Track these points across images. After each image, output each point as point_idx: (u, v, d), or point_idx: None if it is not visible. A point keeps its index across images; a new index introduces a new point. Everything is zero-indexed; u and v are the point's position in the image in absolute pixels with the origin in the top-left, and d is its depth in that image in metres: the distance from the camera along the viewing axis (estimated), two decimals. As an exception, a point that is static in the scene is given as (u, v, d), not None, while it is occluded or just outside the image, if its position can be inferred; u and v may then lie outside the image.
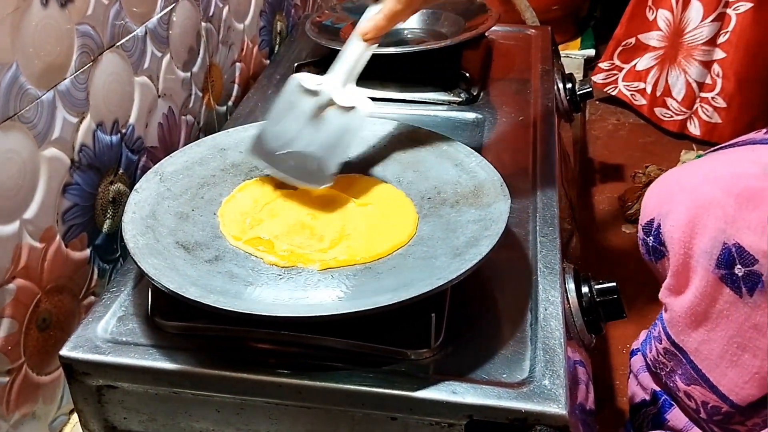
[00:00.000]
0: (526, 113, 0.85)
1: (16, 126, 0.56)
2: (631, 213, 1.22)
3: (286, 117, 0.63)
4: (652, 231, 0.68)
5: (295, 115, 0.62)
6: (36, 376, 0.61)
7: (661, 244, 0.67)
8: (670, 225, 0.65)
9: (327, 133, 0.61)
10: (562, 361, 0.52)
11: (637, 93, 1.54)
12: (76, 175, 0.64)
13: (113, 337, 0.55)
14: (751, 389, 0.63)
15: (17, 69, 0.55)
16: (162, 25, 0.76)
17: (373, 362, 0.51)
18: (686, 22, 1.40)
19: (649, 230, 0.68)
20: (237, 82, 0.98)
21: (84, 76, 0.64)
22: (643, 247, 0.70)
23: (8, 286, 0.57)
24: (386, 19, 0.61)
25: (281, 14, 1.11)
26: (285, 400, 0.52)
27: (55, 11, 0.59)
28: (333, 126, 0.61)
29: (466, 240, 0.55)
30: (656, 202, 0.68)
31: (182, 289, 0.50)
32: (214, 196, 0.63)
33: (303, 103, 0.63)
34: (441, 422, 0.50)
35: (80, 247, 0.66)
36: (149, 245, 0.55)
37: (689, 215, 0.63)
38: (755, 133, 0.72)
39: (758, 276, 0.59)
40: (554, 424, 0.48)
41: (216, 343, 0.54)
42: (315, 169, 0.61)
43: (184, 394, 0.53)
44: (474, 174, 0.62)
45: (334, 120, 0.61)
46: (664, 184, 0.69)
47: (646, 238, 0.69)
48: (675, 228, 0.64)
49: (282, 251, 0.57)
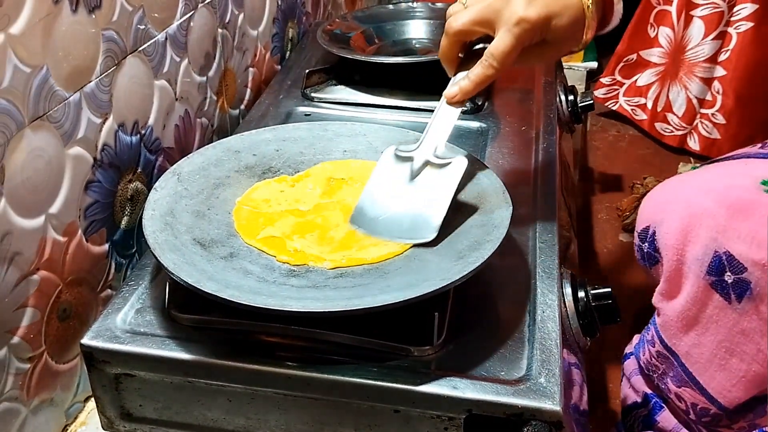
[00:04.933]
0: (529, 123, 0.87)
1: (45, 125, 0.59)
2: (628, 223, 1.24)
3: (384, 184, 0.63)
4: (647, 238, 0.70)
5: (392, 181, 0.63)
6: (55, 364, 0.64)
7: (655, 251, 0.69)
8: (665, 232, 0.67)
9: (426, 190, 0.62)
10: (557, 360, 0.54)
11: (638, 108, 1.56)
12: (98, 173, 0.67)
13: (132, 328, 0.57)
14: (738, 392, 0.66)
15: (47, 71, 0.58)
16: (181, 31, 0.79)
17: (378, 357, 0.54)
18: (688, 40, 1.43)
19: (645, 237, 0.70)
20: (249, 87, 1.01)
21: (108, 79, 0.67)
22: (638, 253, 0.72)
23: (32, 277, 0.60)
24: (473, 84, 0.60)
25: (293, 21, 1.14)
26: (293, 391, 0.54)
27: (83, 17, 0.62)
28: (430, 182, 0.62)
29: (469, 244, 0.57)
30: (652, 210, 0.70)
31: (200, 283, 0.52)
32: (229, 196, 0.66)
33: (399, 170, 0.64)
34: (441, 416, 0.52)
35: (99, 242, 0.69)
36: (168, 241, 0.57)
37: (683, 224, 0.65)
38: (749, 147, 0.74)
39: (747, 283, 0.62)
40: (549, 419, 0.50)
41: (229, 335, 0.56)
42: (419, 226, 0.60)
43: (198, 383, 0.55)
44: (477, 181, 0.65)
45: (431, 177, 0.62)
46: (660, 194, 0.71)
47: (641, 245, 0.71)
48: (669, 235, 0.67)
49: (293, 250, 0.60)
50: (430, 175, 0.63)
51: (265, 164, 0.70)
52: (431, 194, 0.61)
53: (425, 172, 0.63)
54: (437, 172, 0.62)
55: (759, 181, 0.65)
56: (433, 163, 0.63)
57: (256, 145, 0.71)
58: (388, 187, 0.63)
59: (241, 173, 0.69)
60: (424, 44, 1.04)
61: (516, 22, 0.57)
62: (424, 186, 0.62)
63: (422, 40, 1.05)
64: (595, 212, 1.31)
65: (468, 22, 0.60)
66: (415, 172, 0.63)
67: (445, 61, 0.63)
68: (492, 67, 0.59)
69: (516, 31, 0.57)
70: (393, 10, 1.08)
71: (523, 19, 0.57)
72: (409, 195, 0.62)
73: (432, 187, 0.62)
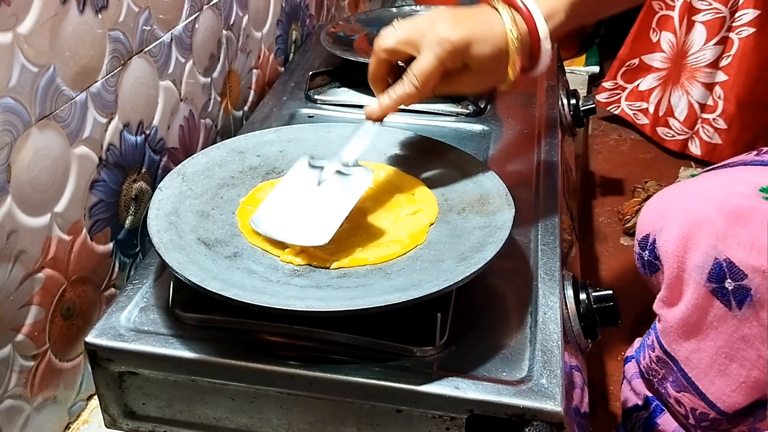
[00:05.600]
0: (531, 126, 0.87)
1: (51, 125, 0.59)
2: (630, 226, 1.24)
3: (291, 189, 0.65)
4: (647, 246, 0.70)
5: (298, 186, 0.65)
6: (58, 362, 0.64)
7: (656, 259, 0.69)
8: (665, 240, 0.67)
9: (329, 197, 0.63)
10: (559, 362, 0.54)
11: (640, 112, 1.57)
12: (103, 173, 0.67)
13: (135, 327, 0.57)
14: (738, 397, 0.66)
15: (54, 71, 0.59)
16: (186, 32, 0.80)
17: (380, 357, 0.54)
18: (690, 45, 1.43)
19: (645, 245, 0.71)
20: (253, 88, 1.02)
21: (114, 79, 0.67)
22: (638, 261, 0.73)
23: (37, 275, 0.60)
24: (392, 101, 0.62)
25: (297, 24, 1.15)
26: (296, 390, 0.54)
27: (90, 17, 0.62)
28: (334, 190, 0.63)
29: (471, 245, 0.58)
30: (652, 218, 0.71)
31: (204, 282, 0.52)
32: (233, 197, 0.66)
33: (308, 176, 0.65)
34: (443, 416, 0.53)
35: (104, 241, 0.69)
36: (172, 240, 0.58)
37: (683, 231, 0.66)
38: (746, 154, 0.75)
39: (747, 290, 0.62)
40: (550, 420, 0.51)
41: (232, 334, 0.56)
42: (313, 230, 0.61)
43: (201, 382, 0.56)
44: (480, 183, 0.65)
45: (336, 186, 0.64)
46: (660, 202, 0.72)
47: (641, 253, 0.71)
48: (669, 243, 0.67)
49: (297, 250, 0.60)
50: (337, 183, 0.64)
51: (269, 165, 0.70)
52: (332, 201, 0.62)
53: (332, 180, 0.64)
54: (343, 181, 0.63)
55: (758, 188, 0.65)
56: (342, 172, 0.64)
57: (260, 145, 0.72)
58: (294, 191, 0.64)
59: (246, 174, 0.69)
60: (427, 47, 1.04)
61: (438, 41, 0.58)
62: (328, 193, 0.63)
63: (425, 43, 1.05)
64: (596, 216, 1.31)
65: (394, 42, 0.61)
66: (321, 180, 0.64)
67: (372, 81, 0.64)
68: (412, 85, 0.60)
69: (437, 50, 0.58)
70: (396, 13, 1.09)
71: (445, 39, 0.58)
72: (313, 200, 0.63)
73: (335, 195, 0.63)
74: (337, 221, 0.60)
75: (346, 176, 0.64)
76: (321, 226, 0.60)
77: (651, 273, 0.71)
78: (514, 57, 0.60)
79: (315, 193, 0.64)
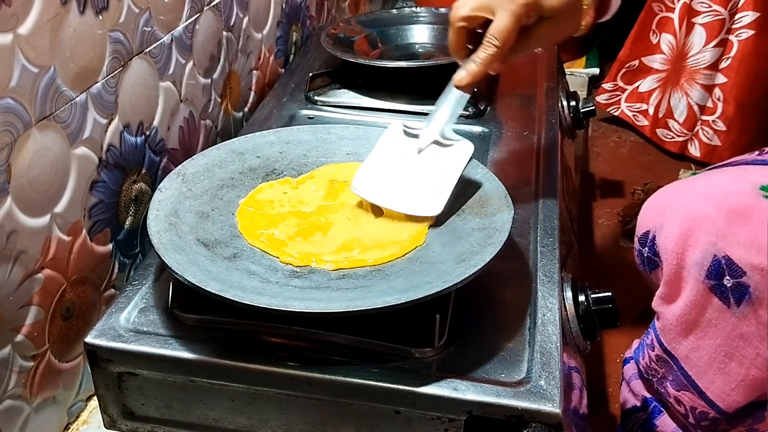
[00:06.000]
0: (531, 128, 0.88)
1: (51, 125, 0.59)
2: (629, 228, 1.24)
3: (390, 155, 0.65)
4: (647, 242, 0.70)
5: (397, 153, 0.65)
6: (58, 363, 0.64)
7: (655, 255, 0.69)
8: (665, 237, 0.68)
9: (432, 167, 0.63)
10: (557, 363, 0.54)
11: (640, 114, 1.57)
12: (103, 173, 0.67)
13: (135, 327, 0.57)
14: (737, 396, 0.66)
15: (54, 72, 0.59)
16: (186, 33, 0.80)
17: (379, 359, 0.54)
18: (689, 47, 1.43)
19: (645, 241, 0.71)
20: (253, 90, 1.02)
21: (114, 80, 0.67)
22: (638, 257, 0.73)
23: (37, 276, 0.60)
24: (480, 66, 0.62)
25: (297, 25, 1.15)
26: (295, 391, 0.54)
27: (90, 18, 0.63)
28: (437, 160, 0.64)
29: (470, 247, 0.58)
30: (652, 215, 0.71)
31: (204, 283, 0.52)
32: (233, 198, 0.66)
33: (405, 144, 0.65)
34: (442, 417, 0.53)
35: (103, 242, 0.69)
36: (172, 241, 0.58)
37: (683, 228, 0.66)
38: (748, 154, 0.75)
39: (746, 287, 0.62)
40: (548, 421, 0.51)
41: (232, 335, 0.56)
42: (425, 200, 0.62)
43: (200, 382, 0.56)
44: (479, 184, 0.65)
45: (437, 155, 0.64)
46: (660, 199, 0.72)
47: (641, 249, 0.72)
48: (669, 240, 0.67)
49: (296, 251, 0.60)
50: (437, 154, 0.64)
51: (269, 166, 0.70)
52: (437, 172, 0.62)
53: (431, 149, 0.64)
54: (444, 152, 0.64)
55: (758, 187, 0.65)
56: (440, 143, 0.64)
57: (260, 147, 0.72)
58: (394, 158, 0.64)
59: (245, 175, 0.69)
60: (427, 49, 1.05)
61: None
62: (430, 163, 0.63)
63: (425, 45, 1.05)
64: (595, 217, 1.32)
65: (469, 9, 0.62)
66: (421, 149, 0.64)
67: (454, 51, 0.65)
68: (493, 46, 0.61)
69: (512, 7, 0.60)
70: (396, 15, 1.09)
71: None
72: (415, 169, 0.63)
73: (438, 165, 0.63)
74: (447, 192, 0.61)
75: (445, 146, 0.64)
76: (432, 197, 0.61)
77: (650, 270, 0.72)
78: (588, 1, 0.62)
79: (416, 161, 0.64)
